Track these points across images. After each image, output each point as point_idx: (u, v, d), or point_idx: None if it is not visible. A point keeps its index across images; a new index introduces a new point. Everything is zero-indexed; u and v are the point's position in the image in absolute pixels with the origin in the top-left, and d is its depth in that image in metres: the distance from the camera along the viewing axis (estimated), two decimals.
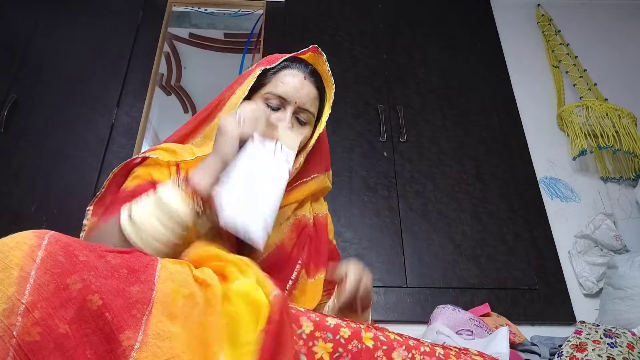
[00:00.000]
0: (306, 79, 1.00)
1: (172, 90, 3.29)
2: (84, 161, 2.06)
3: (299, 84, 0.98)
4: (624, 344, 1.36)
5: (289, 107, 0.96)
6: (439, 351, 0.69)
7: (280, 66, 1.00)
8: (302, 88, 0.98)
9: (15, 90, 2.16)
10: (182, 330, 0.59)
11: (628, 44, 2.65)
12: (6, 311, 0.50)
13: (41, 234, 0.56)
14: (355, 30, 2.51)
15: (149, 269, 0.61)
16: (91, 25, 2.40)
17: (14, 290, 0.51)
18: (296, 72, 1.00)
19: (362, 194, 2.07)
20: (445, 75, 2.42)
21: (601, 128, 2.15)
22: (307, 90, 0.99)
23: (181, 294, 0.62)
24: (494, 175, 2.17)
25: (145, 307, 0.57)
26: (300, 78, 0.99)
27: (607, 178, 2.25)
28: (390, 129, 2.23)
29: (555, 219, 2.10)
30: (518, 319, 1.79)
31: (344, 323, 0.69)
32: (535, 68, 2.54)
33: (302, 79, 0.99)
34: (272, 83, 0.98)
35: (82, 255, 0.57)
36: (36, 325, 0.50)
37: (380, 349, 0.66)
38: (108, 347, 0.53)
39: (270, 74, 0.99)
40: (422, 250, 1.97)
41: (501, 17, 2.65)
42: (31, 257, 0.53)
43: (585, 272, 1.95)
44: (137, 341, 0.54)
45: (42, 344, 0.50)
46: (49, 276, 0.53)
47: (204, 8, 2.78)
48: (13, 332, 0.49)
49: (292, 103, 0.96)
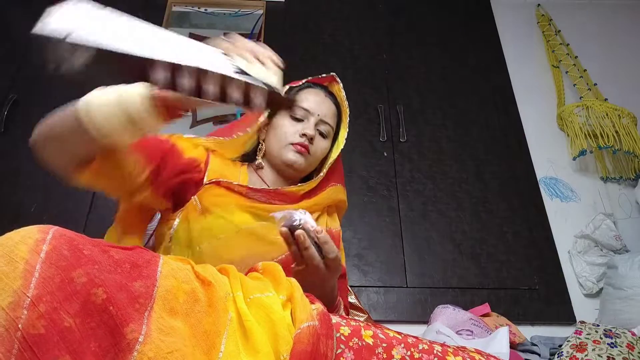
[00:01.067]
0: (326, 97, 1.12)
1: None
2: None
3: (321, 100, 1.10)
4: (624, 344, 1.36)
5: (312, 118, 1.06)
6: (437, 349, 0.70)
7: (303, 86, 1.13)
8: (323, 103, 1.10)
9: (15, 90, 2.16)
10: (183, 325, 0.59)
11: (628, 44, 2.65)
12: (12, 304, 0.50)
13: (46, 229, 0.57)
14: (355, 30, 2.51)
15: (152, 264, 0.62)
16: None
17: (20, 284, 0.51)
18: (318, 90, 1.12)
19: (362, 194, 2.07)
20: (445, 75, 2.42)
21: (601, 128, 2.15)
22: (328, 105, 1.11)
23: (183, 290, 0.62)
24: (494, 175, 2.17)
25: (148, 302, 0.58)
26: (322, 96, 1.11)
27: (607, 178, 2.25)
28: (390, 129, 2.23)
29: (555, 219, 2.10)
30: (518, 319, 1.80)
31: (343, 321, 0.69)
32: (535, 68, 2.55)
33: (323, 97, 1.11)
34: (297, 99, 1.09)
35: (86, 250, 0.57)
36: (41, 318, 0.51)
37: (380, 346, 0.67)
38: (113, 340, 0.54)
39: (294, 92, 1.11)
40: (422, 250, 1.97)
41: (501, 17, 2.65)
42: (36, 251, 0.54)
43: (585, 272, 1.95)
44: (141, 334, 0.55)
45: (47, 337, 0.50)
46: (54, 270, 0.53)
47: (204, 8, 2.78)
48: (18, 325, 0.49)
49: (315, 115, 1.07)
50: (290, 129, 1.05)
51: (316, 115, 1.07)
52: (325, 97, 1.11)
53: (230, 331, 0.62)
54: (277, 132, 1.06)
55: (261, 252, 0.91)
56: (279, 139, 1.05)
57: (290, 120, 1.06)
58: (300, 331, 0.63)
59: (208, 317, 0.62)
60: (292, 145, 1.03)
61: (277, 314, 0.65)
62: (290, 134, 1.04)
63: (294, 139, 1.04)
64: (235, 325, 0.63)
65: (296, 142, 1.03)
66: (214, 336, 0.60)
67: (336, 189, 1.11)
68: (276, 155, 1.05)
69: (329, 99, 1.12)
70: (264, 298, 0.67)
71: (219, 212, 0.93)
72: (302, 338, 0.62)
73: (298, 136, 1.04)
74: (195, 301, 0.62)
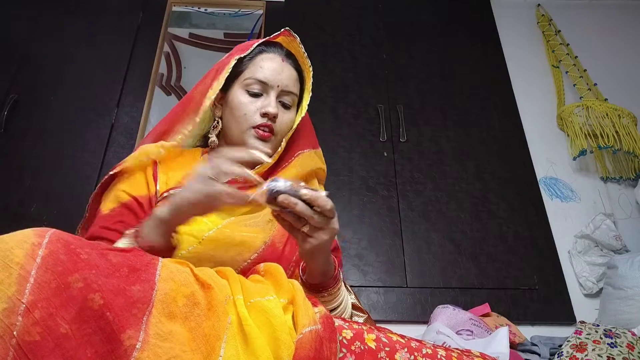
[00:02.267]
0: (284, 61, 0.99)
1: (172, 90, 3.28)
2: (84, 161, 2.06)
3: (279, 67, 0.97)
4: (624, 344, 1.36)
5: (272, 92, 0.96)
6: (440, 353, 0.68)
7: (255, 51, 0.99)
8: (282, 70, 0.97)
9: (15, 90, 2.16)
10: (182, 329, 0.58)
11: (628, 44, 2.65)
12: (6, 311, 0.49)
13: (42, 232, 0.56)
14: (355, 30, 2.51)
15: (150, 268, 0.61)
16: (91, 26, 2.40)
17: (15, 290, 0.50)
18: (273, 55, 0.98)
19: (362, 194, 2.07)
20: (445, 75, 2.42)
21: (601, 128, 2.15)
22: (288, 72, 0.98)
23: (182, 294, 0.61)
24: (494, 175, 2.17)
25: (146, 307, 0.57)
26: (279, 61, 0.98)
27: (607, 178, 2.25)
28: (390, 129, 2.23)
29: (555, 219, 2.10)
30: (518, 319, 1.79)
31: (346, 324, 0.69)
32: (535, 68, 2.54)
33: (280, 62, 0.98)
34: (251, 69, 0.97)
35: (84, 254, 0.56)
36: (36, 325, 0.50)
37: (382, 350, 0.66)
38: (109, 347, 0.53)
39: (246, 61, 0.98)
40: (422, 250, 1.96)
41: (501, 17, 2.65)
42: (32, 256, 0.53)
43: (585, 272, 1.95)
44: (139, 341, 0.54)
45: (42, 344, 0.49)
46: (49, 275, 0.52)
47: (204, 8, 2.78)
48: (13, 332, 0.48)
49: (274, 87, 0.96)
50: (249, 107, 0.95)
51: (276, 87, 0.95)
52: (283, 62, 0.98)
53: (229, 335, 0.60)
54: (235, 112, 0.96)
55: (232, 255, 0.86)
56: (237, 120, 0.95)
57: (247, 96, 0.96)
58: (302, 336, 0.62)
59: (207, 321, 0.61)
60: (254, 130, 0.94)
61: (278, 318, 0.63)
62: (250, 115, 0.94)
63: (255, 119, 0.94)
64: (235, 329, 0.62)
65: (258, 125, 0.94)
66: (213, 340, 0.59)
67: (304, 156, 1.02)
68: (237, 142, 0.96)
69: (288, 63, 0.99)
70: (265, 302, 0.65)
71: None
72: (305, 343, 0.61)
73: (259, 116, 0.94)
74: (194, 304, 0.61)
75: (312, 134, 1.08)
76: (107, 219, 0.88)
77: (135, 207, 0.90)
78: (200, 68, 3.45)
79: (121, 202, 0.90)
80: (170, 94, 3.31)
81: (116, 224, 0.87)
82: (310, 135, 1.07)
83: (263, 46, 1.00)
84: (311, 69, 1.03)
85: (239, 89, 0.97)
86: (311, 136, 1.07)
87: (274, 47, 1.00)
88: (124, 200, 0.90)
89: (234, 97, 0.97)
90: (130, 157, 0.95)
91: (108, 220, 0.88)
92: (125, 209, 0.89)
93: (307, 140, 1.05)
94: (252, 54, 0.99)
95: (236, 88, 0.97)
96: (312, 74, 1.03)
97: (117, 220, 0.88)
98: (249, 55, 0.98)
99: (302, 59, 1.04)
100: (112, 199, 0.91)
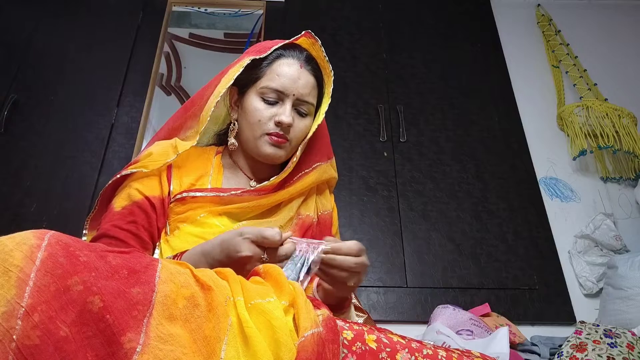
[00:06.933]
0: (302, 68, 0.96)
1: (172, 90, 3.29)
2: (84, 161, 2.06)
3: (296, 74, 0.95)
4: (624, 344, 1.36)
5: (287, 100, 0.94)
6: (441, 354, 0.68)
7: (273, 56, 0.96)
8: (299, 78, 0.95)
9: (15, 90, 2.16)
10: (183, 331, 0.58)
11: (628, 44, 2.65)
12: (5, 314, 0.48)
13: (41, 235, 0.55)
14: (355, 30, 2.51)
15: (150, 269, 0.60)
16: (91, 25, 2.40)
17: (14, 294, 0.50)
18: (291, 60, 0.96)
19: (362, 194, 2.07)
20: (445, 75, 2.42)
21: (601, 128, 2.15)
22: (305, 79, 0.96)
23: (182, 295, 0.60)
24: (494, 175, 2.17)
25: (146, 309, 0.56)
26: (297, 67, 0.95)
27: (607, 178, 2.25)
28: (390, 129, 2.23)
29: (555, 219, 2.10)
30: (518, 319, 1.79)
31: (346, 325, 0.68)
32: (535, 68, 2.54)
33: (298, 68, 0.95)
34: (268, 76, 0.95)
35: (83, 256, 0.55)
36: (36, 328, 0.49)
37: (383, 350, 0.65)
38: (109, 349, 0.52)
39: (264, 66, 0.96)
40: (422, 250, 1.97)
41: (501, 17, 2.65)
42: (31, 259, 0.52)
43: (585, 272, 1.95)
44: (139, 343, 0.53)
45: (42, 348, 0.49)
46: (49, 278, 0.52)
47: (204, 8, 2.78)
48: (13, 336, 0.48)
49: (290, 96, 0.94)
50: (264, 114, 0.94)
51: (291, 96, 0.94)
52: (301, 69, 0.95)
53: (230, 337, 0.60)
54: (249, 118, 0.95)
55: None
56: (252, 126, 0.95)
57: (262, 103, 0.95)
58: (304, 339, 0.61)
59: (208, 323, 0.60)
60: (268, 137, 0.94)
61: (279, 320, 0.63)
62: (264, 121, 0.94)
63: (268, 127, 0.94)
64: (235, 330, 0.61)
65: (271, 132, 0.93)
66: (214, 342, 0.59)
67: (321, 169, 1.03)
68: (252, 147, 0.97)
69: (306, 69, 0.96)
70: (265, 304, 0.65)
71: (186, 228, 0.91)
72: (307, 346, 0.60)
73: (273, 124, 0.93)
74: (194, 306, 0.60)
75: (327, 143, 1.08)
76: (119, 217, 0.89)
77: (147, 207, 0.91)
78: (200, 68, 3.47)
79: (133, 201, 0.91)
80: (170, 94, 3.31)
81: (129, 225, 0.89)
82: (326, 145, 1.07)
83: (281, 50, 0.97)
84: (332, 73, 1.00)
85: (255, 95, 0.96)
86: (327, 145, 1.07)
87: (293, 51, 0.98)
88: (136, 199, 0.92)
89: (250, 102, 0.96)
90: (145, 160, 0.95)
91: (120, 218, 0.89)
92: (137, 207, 0.91)
93: (323, 151, 1.05)
94: (270, 58, 0.96)
95: (252, 93, 0.96)
96: (332, 79, 1.00)
97: (129, 220, 0.89)
98: (267, 60, 0.97)
99: (323, 62, 1.01)
100: (125, 197, 0.92)
